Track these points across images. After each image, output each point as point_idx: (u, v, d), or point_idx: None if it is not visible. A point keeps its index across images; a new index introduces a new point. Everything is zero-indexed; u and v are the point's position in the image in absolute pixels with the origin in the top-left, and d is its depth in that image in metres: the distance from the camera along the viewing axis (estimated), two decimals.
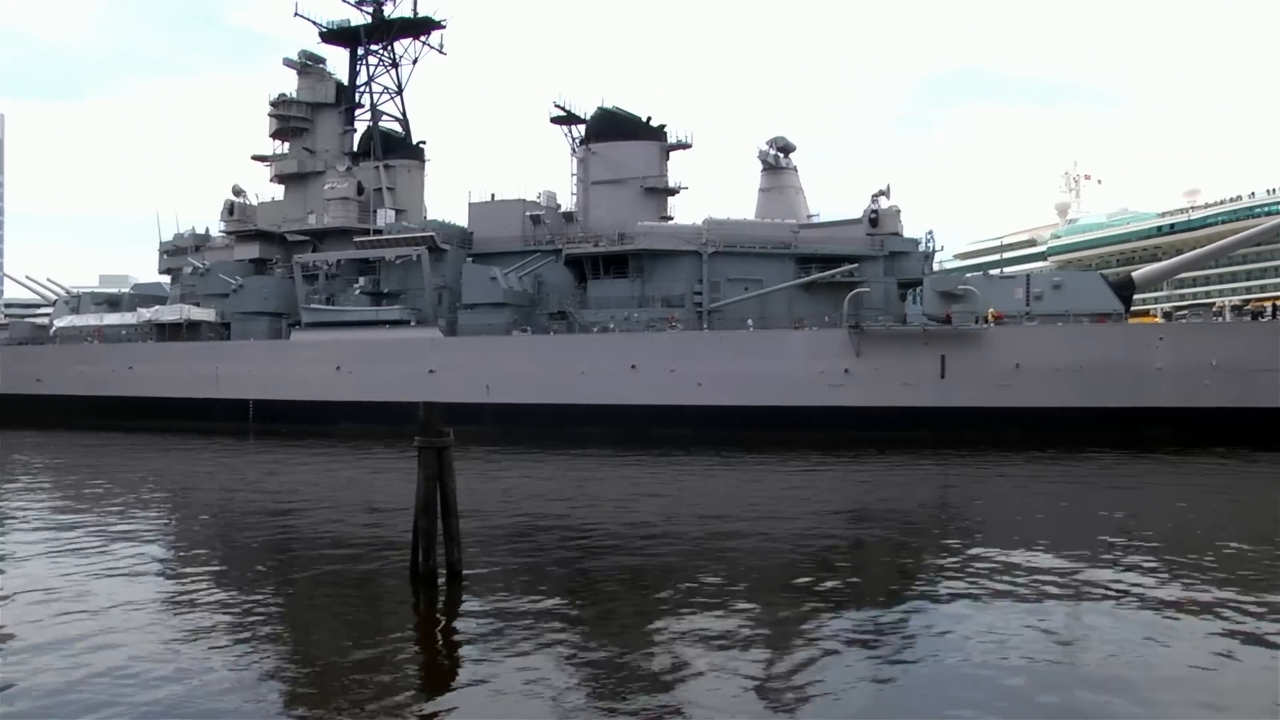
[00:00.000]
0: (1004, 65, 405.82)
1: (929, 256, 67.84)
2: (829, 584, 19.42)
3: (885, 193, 66.68)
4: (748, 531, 25.75)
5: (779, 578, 20.37)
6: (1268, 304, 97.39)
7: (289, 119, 79.24)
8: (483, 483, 35.59)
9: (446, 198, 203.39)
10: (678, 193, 73.72)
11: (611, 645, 15.54)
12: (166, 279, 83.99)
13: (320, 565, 22.04)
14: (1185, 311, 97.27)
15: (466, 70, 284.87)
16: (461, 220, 74.30)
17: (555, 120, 76.54)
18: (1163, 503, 32.90)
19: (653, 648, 15.53)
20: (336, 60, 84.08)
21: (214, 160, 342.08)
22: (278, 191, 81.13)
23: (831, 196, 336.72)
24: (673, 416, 57.76)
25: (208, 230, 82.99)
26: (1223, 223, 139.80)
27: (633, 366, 59.96)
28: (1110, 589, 18.48)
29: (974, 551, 22.29)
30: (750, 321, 61.55)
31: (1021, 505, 32.26)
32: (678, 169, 79.11)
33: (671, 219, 71.78)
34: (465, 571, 19.70)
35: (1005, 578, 19.45)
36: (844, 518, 29.97)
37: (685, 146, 73.76)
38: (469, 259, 69.94)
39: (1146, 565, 20.62)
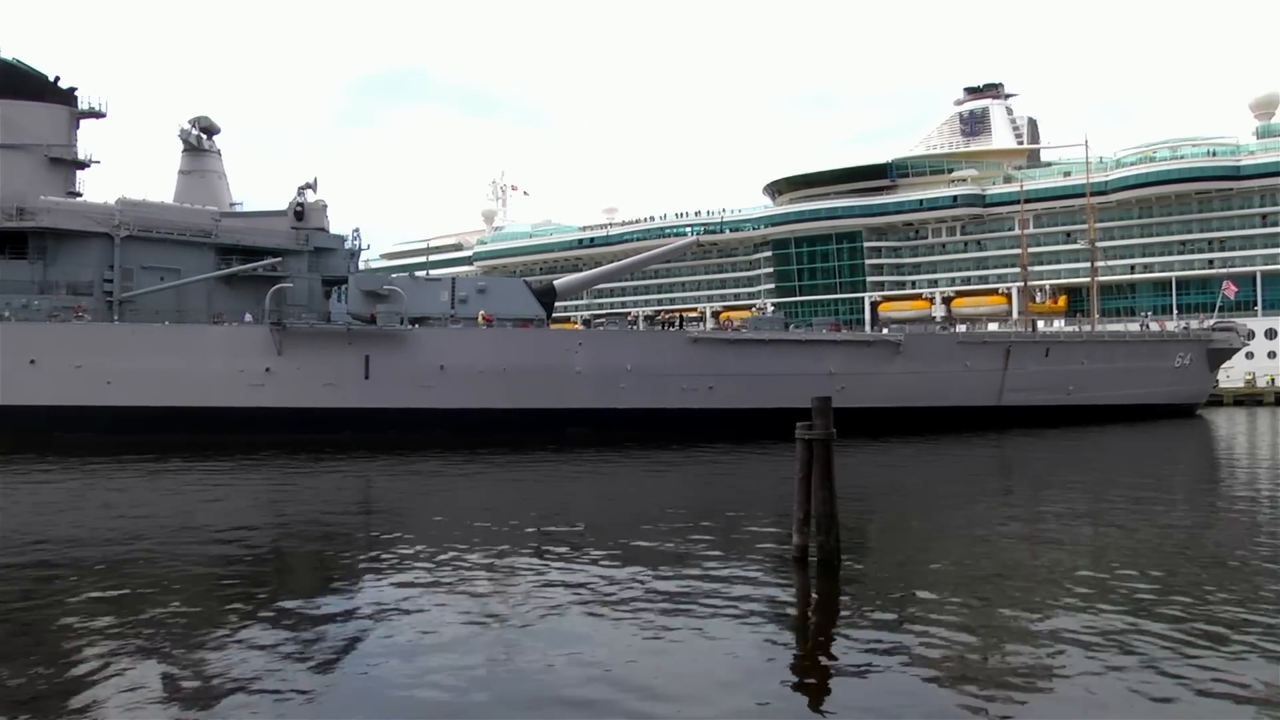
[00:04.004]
0: (438, 70, 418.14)
1: (355, 254, 69.43)
2: (254, 596, 18.67)
3: (312, 186, 67.72)
4: (160, 545, 24.03)
5: (199, 593, 19.27)
6: (676, 315, 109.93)
7: None
8: None
9: None
10: (88, 166, 69.39)
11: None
12: None
13: None
14: (603, 319, 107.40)
15: None
16: None
17: None
18: (580, 494, 36.04)
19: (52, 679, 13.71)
20: None
21: None
22: None
23: (257, 187, 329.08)
24: (79, 419, 53.75)
25: None
26: (637, 240, 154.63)
27: (31, 362, 55.19)
28: (539, 577, 19.76)
29: (401, 550, 22.78)
30: (166, 319, 59.55)
31: (444, 503, 33.34)
32: (89, 140, 75.25)
33: (80, 195, 67.46)
34: None
35: (435, 574, 19.94)
36: (266, 525, 28.88)
37: (99, 115, 69.39)
38: None
39: (568, 553, 22.34)
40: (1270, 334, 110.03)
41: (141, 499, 33.95)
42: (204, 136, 69.46)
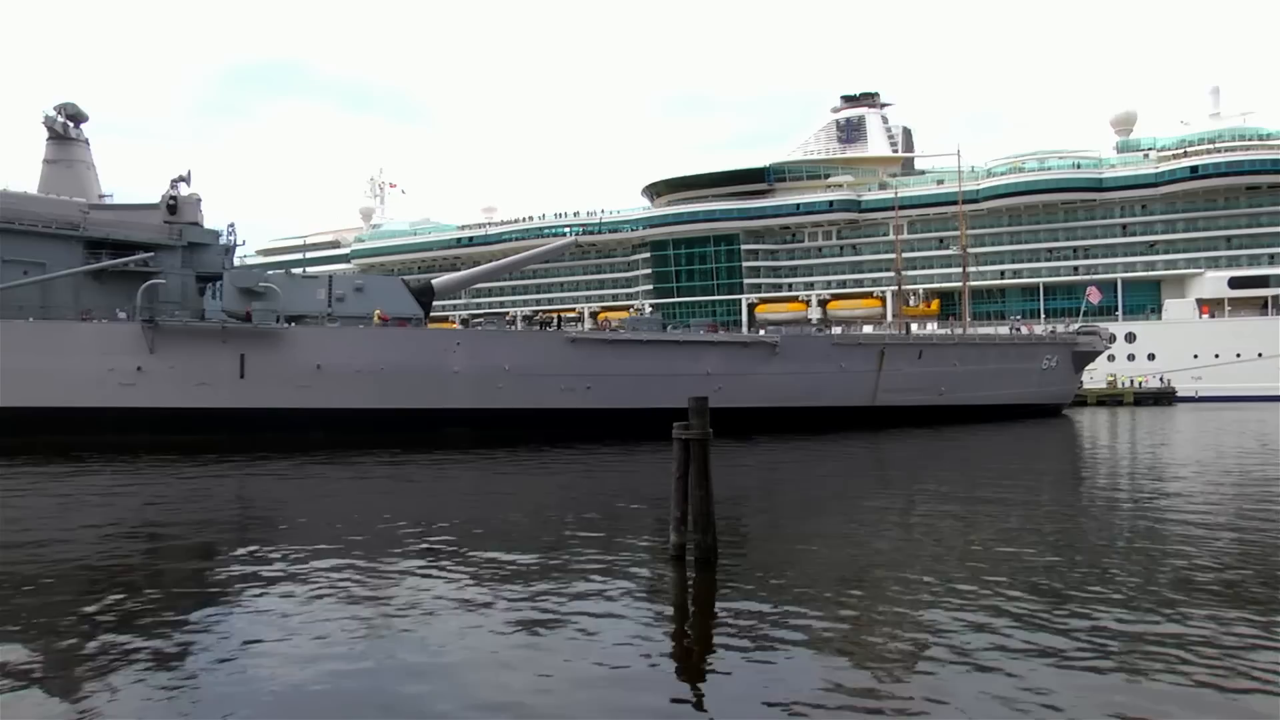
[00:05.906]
0: (313, 63, 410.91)
1: (230, 250, 67.59)
2: (120, 605, 17.83)
3: (185, 179, 65.88)
4: (15, 552, 22.89)
5: (59, 602, 18.31)
6: (554, 315, 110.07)
7: None
8: None
9: None
10: None
11: None
12: None
13: None
14: (481, 319, 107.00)
15: None
16: None
17: None
18: (457, 495, 35.64)
19: None
20: None
21: None
22: None
23: (128, 178, 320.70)
24: None
25: None
26: (516, 239, 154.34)
27: None
28: (413, 579, 19.59)
29: (277, 553, 22.37)
30: (30, 315, 57.28)
31: (319, 506, 32.72)
32: None
33: None
34: None
35: (306, 579, 19.58)
36: (134, 530, 27.65)
37: None
38: None
39: (445, 553, 22.16)
40: (1130, 338, 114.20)
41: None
42: (70, 124, 67.04)
